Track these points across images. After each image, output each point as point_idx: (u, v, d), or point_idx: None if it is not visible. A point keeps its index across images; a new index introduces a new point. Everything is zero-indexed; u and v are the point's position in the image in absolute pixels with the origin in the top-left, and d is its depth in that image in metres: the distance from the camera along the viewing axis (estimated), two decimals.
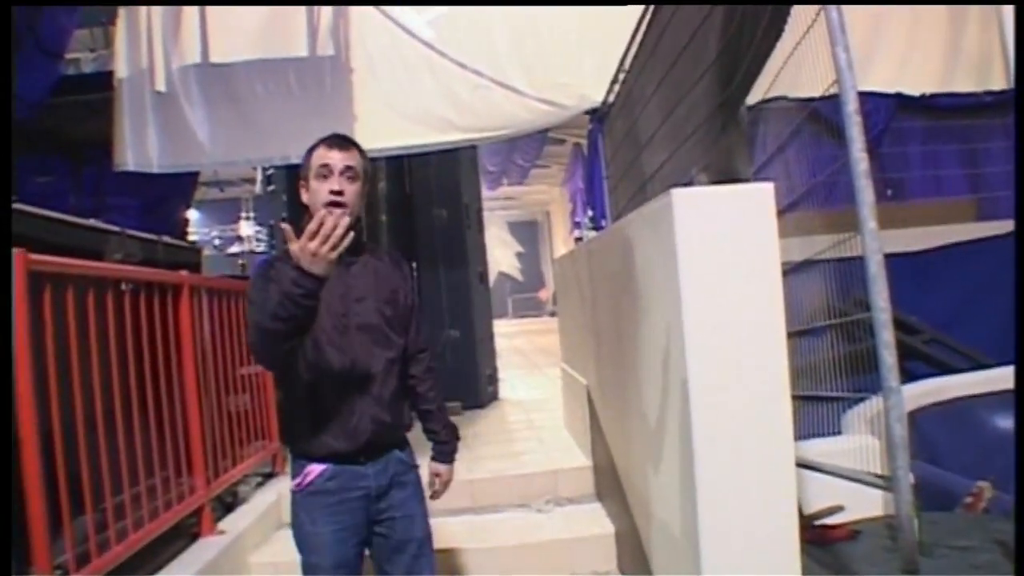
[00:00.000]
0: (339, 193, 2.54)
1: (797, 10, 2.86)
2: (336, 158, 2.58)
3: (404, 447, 2.80)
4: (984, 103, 6.77)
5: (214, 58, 6.36)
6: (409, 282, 2.87)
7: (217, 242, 16.22)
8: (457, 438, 3.01)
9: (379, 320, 2.70)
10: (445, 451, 2.98)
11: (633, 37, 4.71)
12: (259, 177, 10.06)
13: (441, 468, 2.97)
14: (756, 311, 2.42)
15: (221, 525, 4.27)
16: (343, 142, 2.64)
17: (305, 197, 2.64)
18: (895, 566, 2.55)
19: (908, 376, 5.14)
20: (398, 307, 2.77)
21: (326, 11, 6.36)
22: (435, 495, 2.96)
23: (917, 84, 6.63)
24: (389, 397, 2.68)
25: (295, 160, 6.70)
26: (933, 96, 6.66)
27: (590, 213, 6.53)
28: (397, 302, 2.76)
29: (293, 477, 2.69)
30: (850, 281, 2.74)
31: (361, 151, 2.66)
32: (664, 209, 2.47)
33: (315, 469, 2.63)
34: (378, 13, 6.27)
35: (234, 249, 15.82)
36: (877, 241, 2.34)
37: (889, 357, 2.34)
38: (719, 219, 2.42)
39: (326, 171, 2.56)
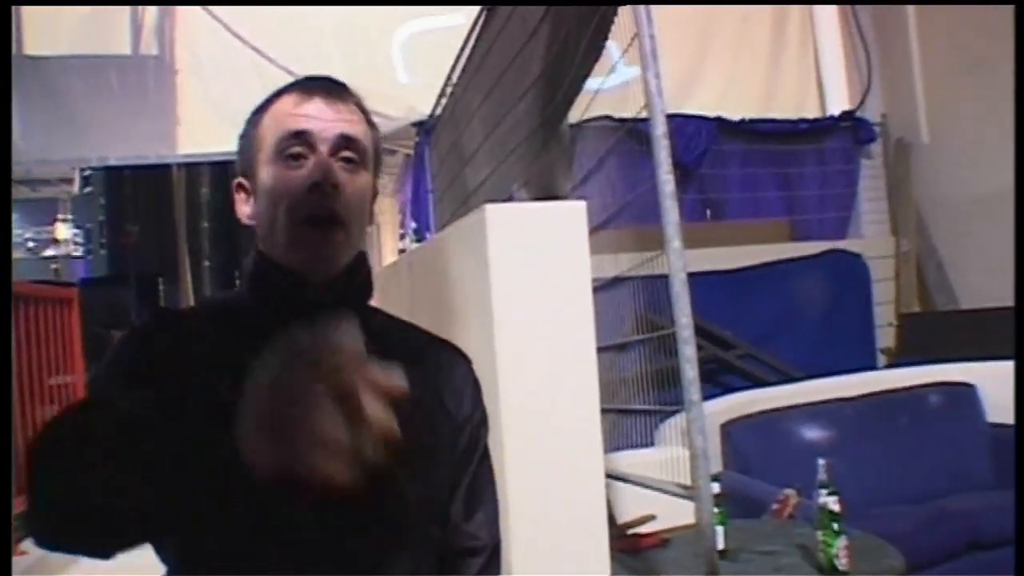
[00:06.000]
0: (331, 190, 1.19)
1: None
2: (325, 119, 1.23)
3: None
4: (799, 129, 7.14)
5: (29, 50, 6.04)
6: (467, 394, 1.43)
7: (31, 244, 15.29)
8: None
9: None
10: None
11: (461, 51, 4.74)
12: (77, 178, 9.59)
13: None
14: (567, 327, 2.46)
15: (22, 546, 4.02)
16: (333, 88, 1.28)
17: (247, 210, 1.29)
18: (700, 570, 2.63)
19: (724, 389, 5.34)
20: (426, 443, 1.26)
21: (151, 9, 6.13)
22: None
23: (738, 109, 6.94)
24: None
25: (114, 162, 6.50)
26: (752, 121, 6.97)
27: (414, 225, 6.51)
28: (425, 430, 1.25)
29: None
30: (666, 297, 2.81)
31: (366, 111, 1.33)
32: (478, 224, 2.48)
33: None
34: (205, 14, 6.09)
35: (49, 252, 14.97)
36: (681, 260, 2.42)
37: (691, 371, 2.42)
38: (532, 236, 2.46)
39: (301, 144, 1.21)
